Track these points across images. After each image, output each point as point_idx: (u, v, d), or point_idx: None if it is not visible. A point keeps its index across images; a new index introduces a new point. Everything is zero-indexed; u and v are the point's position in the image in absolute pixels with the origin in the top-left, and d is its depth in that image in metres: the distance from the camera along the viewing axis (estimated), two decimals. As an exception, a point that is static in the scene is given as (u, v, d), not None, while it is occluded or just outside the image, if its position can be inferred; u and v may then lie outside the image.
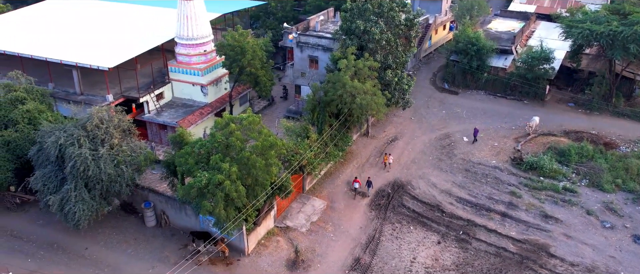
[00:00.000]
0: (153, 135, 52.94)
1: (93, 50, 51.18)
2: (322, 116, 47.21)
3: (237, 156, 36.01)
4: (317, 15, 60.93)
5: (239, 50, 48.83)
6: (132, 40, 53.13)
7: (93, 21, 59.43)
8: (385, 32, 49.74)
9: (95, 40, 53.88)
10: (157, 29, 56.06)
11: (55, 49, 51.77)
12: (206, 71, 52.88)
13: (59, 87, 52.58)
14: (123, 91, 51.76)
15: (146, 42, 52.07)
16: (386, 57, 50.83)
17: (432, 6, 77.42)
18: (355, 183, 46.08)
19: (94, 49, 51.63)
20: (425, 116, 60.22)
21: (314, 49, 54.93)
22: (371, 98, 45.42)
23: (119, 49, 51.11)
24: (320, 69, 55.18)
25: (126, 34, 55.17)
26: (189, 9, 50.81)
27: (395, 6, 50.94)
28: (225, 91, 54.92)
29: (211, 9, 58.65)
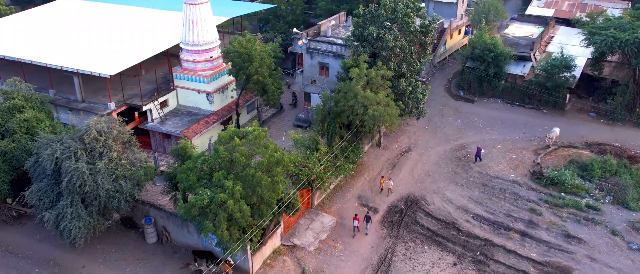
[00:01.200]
0: (156, 144, 50.99)
1: (95, 56, 49.34)
2: (332, 127, 45.02)
3: (241, 172, 33.90)
4: (328, 20, 58.78)
5: (246, 57, 46.73)
6: (136, 45, 51.23)
7: (97, 25, 57.63)
8: (399, 39, 47.46)
9: (98, 45, 52.04)
10: (163, 33, 54.15)
11: (56, 54, 49.99)
12: (212, 78, 50.84)
13: (60, 94, 50.75)
14: (126, 98, 49.84)
15: (150, 48, 50.15)
16: (400, 65, 48.53)
17: (447, 10, 75.02)
18: (354, 221, 41.80)
19: (96, 54, 49.79)
20: (439, 126, 57.84)
21: (324, 56, 52.74)
22: (384, 109, 43.17)
23: (121, 54, 49.23)
24: (331, 76, 52.98)
25: (130, 39, 53.28)
26: (195, 13, 48.79)
27: (410, 11, 48.65)
28: (232, 98, 52.82)
29: (218, 12, 56.68)
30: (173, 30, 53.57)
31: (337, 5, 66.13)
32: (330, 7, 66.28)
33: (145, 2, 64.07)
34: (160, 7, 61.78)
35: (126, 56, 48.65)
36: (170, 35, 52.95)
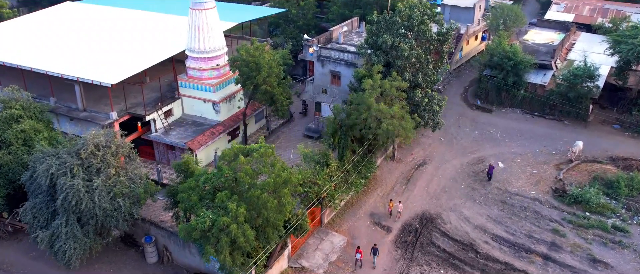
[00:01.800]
0: (160, 155, 48.93)
1: (97, 63, 47.35)
2: (344, 141, 42.69)
3: (246, 193, 31.67)
4: (340, 26, 56.48)
5: (254, 66, 44.51)
6: (141, 52, 49.22)
7: (102, 29, 55.67)
8: (415, 48, 45.07)
9: (102, 50, 50.06)
10: (169, 39, 52.08)
11: (57, 60, 48.06)
12: (219, 87, 48.67)
13: (61, 102, 48.81)
14: (129, 107, 47.82)
15: (155, 55, 48.09)
16: (415, 75, 46.13)
17: (464, 15, 72.49)
18: (357, 253, 38.24)
19: (98, 61, 47.80)
20: (456, 137, 55.34)
21: (336, 64, 50.43)
22: (399, 123, 40.79)
23: (125, 61, 47.23)
24: (343, 85, 50.68)
25: (135, 44, 51.26)
26: (201, 19, 46.66)
27: (427, 18, 46.23)
28: (239, 108, 50.60)
29: (227, 17, 54.59)
30: (180, 36, 51.51)
31: (349, 10, 63.82)
32: (342, 12, 63.98)
33: (153, 6, 62.10)
34: (167, 12, 59.76)
35: (129, 63, 46.64)
36: (176, 40, 50.90)
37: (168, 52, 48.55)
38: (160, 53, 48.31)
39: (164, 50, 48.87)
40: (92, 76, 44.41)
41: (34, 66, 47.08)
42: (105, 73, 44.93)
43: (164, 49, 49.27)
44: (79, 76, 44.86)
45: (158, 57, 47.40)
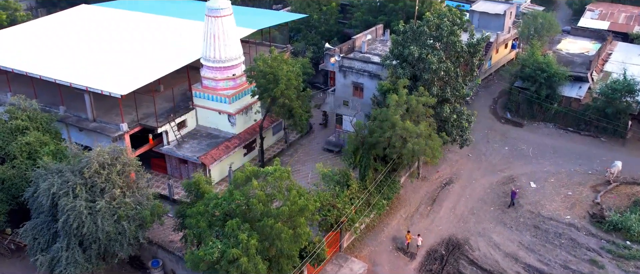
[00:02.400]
0: (172, 169, 46.65)
1: (108, 71, 45.23)
2: (366, 160, 39.96)
3: (258, 221, 29.12)
4: (364, 34, 53.68)
5: (272, 78, 41.95)
6: (154, 60, 47.01)
7: (115, 34, 53.61)
8: (444, 60, 42.11)
9: (114, 57, 47.96)
10: (184, 46, 49.75)
11: (66, 68, 46.06)
12: (234, 98, 46.24)
13: (71, 111, 46.79)
14: (140, 118, 45.59)
15: (169, 63, 45.80)
16: (444, 89, 43.19)
17: (494, 22, 69.03)
18: None
19: (109, 69, 45.69)
20: (484, 153, 52.20)
21: (358, 75, 47.65)
22: (425, 142, 37.91)
23: (137, 70, 45.07)
24: (366, 98, 47.88)
25: (149, 51, 49.08)
26: (217, 27, 44.27)
27: (457, 29, 43.24)
28: (256, 120, 48.03)
29: (245, 23, 52.17)
30: (196, 42, 49.07)
31: (373, 17, 60.95)
32: (366, 18, 61.17)
33: (170, 11, 59.91)
34: (185, 16, 57.40)
35: (142, 72, 44.45)
36: (192, 47, 48.50)
37: (183, 60, 46.25)
38: (174, 61, 46.04)
39: (179, 59, 46.58)
40: (102, 86, 42.28)
41: (42, 74, 45.13)
42: (116, 83, 42.77)
43: (178, 57, 46.98)
44: (88, 85, 42.76)
45: (172, 66, 45.14)
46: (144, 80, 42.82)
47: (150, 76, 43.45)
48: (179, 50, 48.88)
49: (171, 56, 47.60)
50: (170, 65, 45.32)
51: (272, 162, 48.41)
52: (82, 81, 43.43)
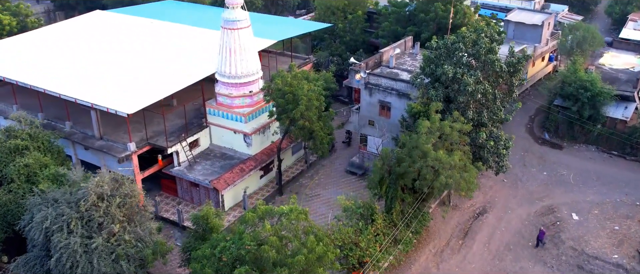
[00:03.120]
0: (183, 192, 43.41)
1: (117, 85, 42.16)
2: (393, 190, 36.23)
3: (271, 271, 25.59)
4: (392, 47, 49.83)
5: (291, 97, 38.42)
6: (166, 73, 43.78)
7: (127, 44, 50.56)
8: (481, 81, 38.15)
9: (124, 70, 44.88)
10: (199, 58, 46.45)
11: (73, 81, 43.12)
12: (251, 117, 42.82)
13: (77, 127, 43.85)
14: (150, 136, 42.45)
15: (182, 77, 42.54)
16: (480, 112, 39.22)
17: (530, 33, 64.71)
18: None
19: (118, 83, 42.60)
20: (521, 178, 48.05)
21: (386, 94, 43.88)
22: (460, 175, 34.03)
23: (147, 85, 41.92)
24: (393, 118, 44.09)
25: (161, 63, 45.86)
26: (233, 40, 40.91)
27: (495, 45, 39.25)
28: (273, 141, 44.42)
29: (265, 32, 48.81)
30: (212, 54, 45.56)
31: (402, 27, 57.00)
32: (394, 29, 57.28)
33: (187, 19, 56.72)
34: (203, 25, 54.02)
35: (152, 87, 41.31)
36: (208, 59, 45.03)
37: (197, 74, 42.95)
38: (188, 76, 42.76)
39: (193, 73, 43.28)
40: (108, 103, 39.19)
41: (47, 88, 42.25)
42: (123, 99, 39.67)
43: (193, 71, 43.71)
44: (93, 101, 39.70)
45: (185, 81, 41.87)
46: (153, 97, 39.65)
47: (160, 92, 40.25)
48: (194, 62, 45.65)
49: (185, 69, 44.39)
50: (183, 79, 42.08)
51: (290, 187, 45.54)
52: (87, 96, 40.40)
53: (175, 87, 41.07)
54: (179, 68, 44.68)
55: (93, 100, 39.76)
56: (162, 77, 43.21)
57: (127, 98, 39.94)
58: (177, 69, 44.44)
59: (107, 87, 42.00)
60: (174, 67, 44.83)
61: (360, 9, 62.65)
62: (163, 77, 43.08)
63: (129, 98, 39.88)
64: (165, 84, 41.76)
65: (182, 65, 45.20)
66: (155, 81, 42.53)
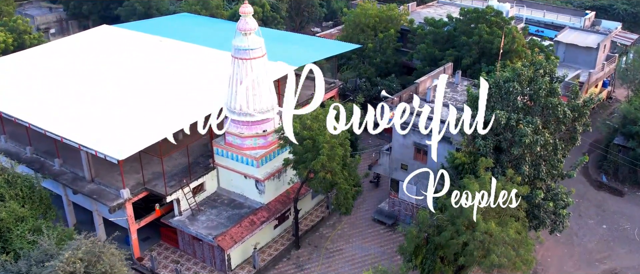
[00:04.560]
0: (185, 244, 37.70)
1: (111, 121, 36.62)
2: (431, 262, 29.99)
3: None
4: (429, 76, 43.44)
5: (310, 145, 32.34)
6: (168, 107, 38.02)
7: (129, 67, 45.00)
8: (540, 130, 31.61)
9: (120, 102, 39.28)
10: (209, 86, 40.62)
11: (63, 114, 37.76)
12: (264, 160, 36.87)
13: (68, 166, 38.49)
14: (147, 179, 36.83)
15: (186, 114, 36.55)
16: (537, 165, 32.64)
17: (583, 57, 57.77)
18: None
19: (112, 118, 37.04)
20: (577, 232, 41.35)
21: (422, 136, 37.44)
22: (515, 254, 27.58)
23: (145, 122, 36.24)
24: (430, 163, 37.64)
25: (164, 94, 40.14)
26: (244, 71, 35.06)
27: (557, 86, 32.68)
28: (290, 184, 38.32)
29: (284, 55, 42.65)
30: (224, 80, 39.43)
31: (440, 50, 50.49)
32: (431, 52, 50.82)
33: (200, 36, 51.00)
34: (215, 45, 48.08)
35: (151, 125, 35.64)
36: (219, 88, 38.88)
37: (204, 110, 36.90)
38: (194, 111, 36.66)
39: (200, 107, 37.32)
40: (97, 145, 33.71)
41: (32, 122, 37.03)
42: (116, 140, 34.09)
43: (200, 104, 37.81)
44: (81, 142, 34.20)
45: (188, 118, 35.78)
46: (150, 138, 33.97)
47: (159, 132, 34.37)
48: (203, 92, 39.85)
49: (192, 101, 38.59)
50: (187, 116, 36.07)
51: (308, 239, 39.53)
52: (75, 135, 34.94)
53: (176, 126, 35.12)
54: (185, 100, 38.92)
55: (81, 140, 34.30)
56: (164, 111, 37.49)
57: (121, 139, 34.38)
58: (182, 102, 38.66)
59: (100, 123, 36.50)
60: (178, 100, 39.08)
61: (393, 26, 56.25)
62: (164, 112, 37.36)
63: (122, 138, 34.33)
64: (166, 121, 35.92)
65: (188, 97, 39.45)
66: (155, 117, 36.84)
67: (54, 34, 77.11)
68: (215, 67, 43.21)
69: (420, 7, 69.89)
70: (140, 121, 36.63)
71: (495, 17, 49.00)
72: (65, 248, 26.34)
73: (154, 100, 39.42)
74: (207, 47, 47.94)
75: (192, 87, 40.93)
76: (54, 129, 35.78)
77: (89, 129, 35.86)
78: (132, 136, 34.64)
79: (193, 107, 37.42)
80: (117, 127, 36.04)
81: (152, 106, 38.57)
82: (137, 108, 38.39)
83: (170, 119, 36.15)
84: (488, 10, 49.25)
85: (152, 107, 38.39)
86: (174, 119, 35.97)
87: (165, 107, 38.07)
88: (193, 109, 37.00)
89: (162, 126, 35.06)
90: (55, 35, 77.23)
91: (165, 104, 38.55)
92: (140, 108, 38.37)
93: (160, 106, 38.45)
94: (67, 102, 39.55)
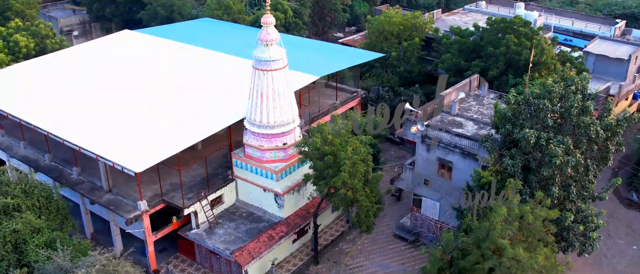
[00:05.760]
0: (202, 258, 37.06)
1: (129, 132, 36.04)
2: (455, 286, 28.84)
3: None
4: (455, 88, 42.22)
5: (331, 161, 31.43)
6: (188, 117, 37.32)
7: (149, 75, 44.42)
8: (572, 151, 30.32)
9: (139, 111, 38.71)
10: (230, 96, 39.82)
11: (81, 123, 37.36)
12: (283, 174, 36.07)
13: (86, 175, 38.09)
14: (165, 190, 36.27)
15: (206, 124, 36.10)
16: (567, 187, 31.35)
17: (614, 68, 56.06)
18: None
19: (131, 129, 36.46)
20: (605, 254, 39.92)
21: (447, 151, 36.42)
22: (545, 281, 26.43)
23: (164, 133, 35.59)
24: (455, 180, 36.62)
25: (184, 103, 39.43)
26: (266, 83, 34.27)
27: (590, 104, 31.33)
28: (310, 198, 37.42)
29: (305, 65, 42.40)
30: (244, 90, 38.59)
31: (465, 60, 49.17)
32: (457, 61, 49.53)
33: (221, 43, 50.32)
34: (236, 52, 47.26)
35: (170, 136, 34.99)
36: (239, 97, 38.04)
37: (224, 120, 36.41)
38: (215, 121, 36.29)
39: (220, 117, 36.80)
40: (115, 156, 33.17)
41: (51, 130, 36.63)
42: (134, 152, 33.54)
43: (220, 114, 37.24)
44: (99, 153, 33.69)
45: (209, 129, 35.43)
46: (169, 150, 33.31)
47: (178, 144, 33.82)
48: (224, 102, 39.11)
49: (212, 111, 37.98)
50: (207, 126, 35.63)
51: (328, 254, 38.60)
52: (93, 145, 34.46)
53: (196, 137, 34.69)
54: (205, 110, 38.23)
55: (99, 151, 33.77)
56: (183, 121, 36.81)
57: (139, 150, 33.82)
58: (202, 112, 37.97)
59: (118, 132, 35.99)
60: (198, 109, 38.37)
61: (418, 35, 55.07)
62: (184, 122, 36.68)
63: (140, 150, 33.76)
64: (185, 132, 35.36)
65: (208, 106, 38.75)
66: (174, 127, 36.18)
67: (77, 36, 77.25)
68: (236, 76, 42.43)
69: (446, 15, 68.54)
70: (158, 131, 36.03)
71: (524, 28, 47.59)
72: (79, 265, 25.78)
73: (173, 109, 38.76)
74: (228, 55, 47.21)
75: (213, 97, 40.24)
76: (72, 139, 35.32)
77: (107, 138, 35.36)
78: (150, 147, 34.05)
79: (213, 118, 36.92)
80: (136, 137, 35.50)
81: (172, 115, 37.91)
82: (156, 117, 37.81)
83: (189, 129, 35.57)
84: (516, 21, 47.85)
85: (171, 116, 37.73)
86: (193, 129, 35.44)
87: (185, 117, 37.40)
88: (213, 120, 36.57)
89: (181, 137, 34.56)
90: (78, 37, 77.38)
91: (184, 114, 37.88)
92: (160, 117, 37.77)
93: (180, 115, 37.78)
94: (86, 110, 39.11)
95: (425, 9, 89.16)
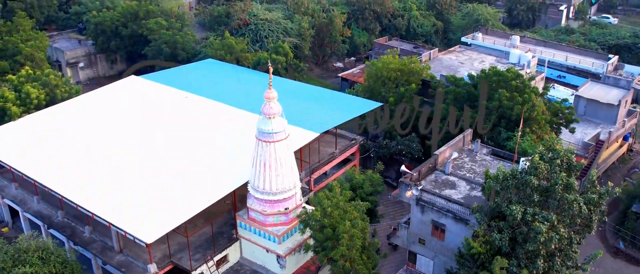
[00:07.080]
0: (208, 314, 39.09)
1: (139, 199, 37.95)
2: None
3: None
4: (448, 148, 44.14)
5: (330, 233, 33.46)
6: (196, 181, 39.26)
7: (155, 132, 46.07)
8: (556, 226, 32.35)
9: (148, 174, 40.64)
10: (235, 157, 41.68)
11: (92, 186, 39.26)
12: (285, 237, 38.12)
13: (97, 234, 40.15)
14: (173, 250, 38.32)
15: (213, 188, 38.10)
16: (552, 258, 33.38)
17: (604, 113, 58.38)
18: None
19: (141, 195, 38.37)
20: (593, 306, 41.84)
21: (440, 214, 38.46)
22: None
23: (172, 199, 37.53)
24: (448, 241, 38.70)
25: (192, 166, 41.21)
26: (269, 153, 36.24)
27: (574, 180, 33.24)
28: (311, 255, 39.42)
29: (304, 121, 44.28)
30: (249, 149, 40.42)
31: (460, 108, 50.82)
32: (454, 109, 51.37)
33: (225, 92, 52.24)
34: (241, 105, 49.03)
35: (178, 203, 36.99)
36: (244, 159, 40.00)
37: (230, 184, 38.46)
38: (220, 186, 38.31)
39: (226, 180, 38.84)
40: (128, 226, 35.14)
41: (64, 194, 38.63)
42: (145, 220, 35.53)
43: (226, 177, 39.27)
44: (112, 221, 35.69)
45: (216, 194, 37.43)
46: (178, 218, 35.34)
47: (187, 211, 35.89)
48: (230, 163, 41.06)
49: (219, 173, 39.98)
50: (215, 190, 37.67)
51: None
52: (106, 212, 36.45)
53: (203, 202, 36.68)
54: (211, 171, 40.28)
55: (112, 219, 35.76)
56: (191, 184, 38.83)
57: (149, 217, 35.82)
58: (208, 173, 40.02)
59: (128, 194, 38.00)
60: (205, 170, 40.40)
61: (414, 80, 57.07)
62: (191, 186, 38.70)
63: (150, 218, 35.75)
64: (193, 195, 37.41)
65: (215, 167, 40.76)
66: (181, 191, 38.18)
67: (82, 67, 79.25)
68: (241, 132, 44.06)
69: (442, 53, 70.56)
70: (167, 194, 37.94)
71: (516, 81, 49.51)
72: None
73: (181, 168, 40.72)
74: (232, 108, 48.94)
75: (218, 156, 42.12)
76: (85, 204, 37.25)
77: (118, 200, 37.30)
78: (160, 213, 36.01)
79: (219, 181, 38.91)
80: (145, 200, 37.43)
81: (179, 175, 39.86)
82: (164, 177, 39.72)
83: (197, 193, 37.55)
84: (509, 75, 49.74)
85: (179, 176, 39.69)
86: (201, 194, 37.41)
87: (192, 178, 39.39)
88: (219, 183, 38.57)
89: (189, 203, 36.57)
90: (84, 69, 79.41)
91: (192, 175, 39.86)
92: (168, 177, 39.69)
93: (187, 176, 39.74)
94: (95, 167, 40.92)
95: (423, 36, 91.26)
